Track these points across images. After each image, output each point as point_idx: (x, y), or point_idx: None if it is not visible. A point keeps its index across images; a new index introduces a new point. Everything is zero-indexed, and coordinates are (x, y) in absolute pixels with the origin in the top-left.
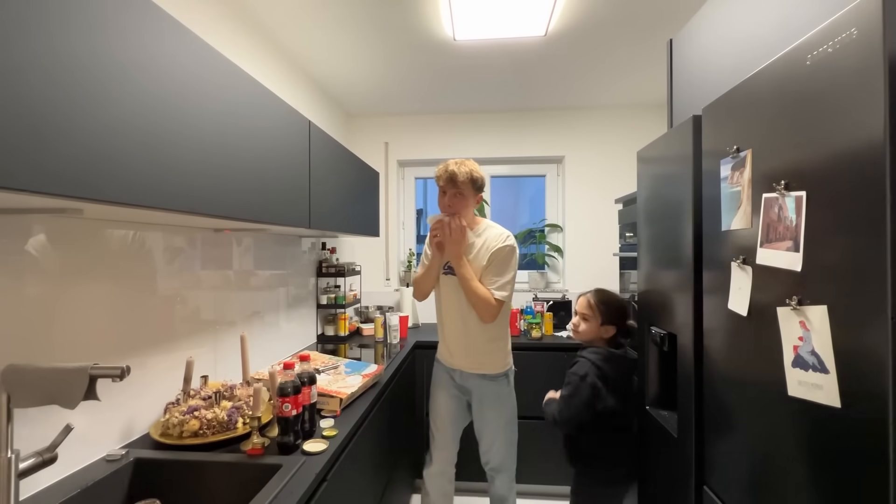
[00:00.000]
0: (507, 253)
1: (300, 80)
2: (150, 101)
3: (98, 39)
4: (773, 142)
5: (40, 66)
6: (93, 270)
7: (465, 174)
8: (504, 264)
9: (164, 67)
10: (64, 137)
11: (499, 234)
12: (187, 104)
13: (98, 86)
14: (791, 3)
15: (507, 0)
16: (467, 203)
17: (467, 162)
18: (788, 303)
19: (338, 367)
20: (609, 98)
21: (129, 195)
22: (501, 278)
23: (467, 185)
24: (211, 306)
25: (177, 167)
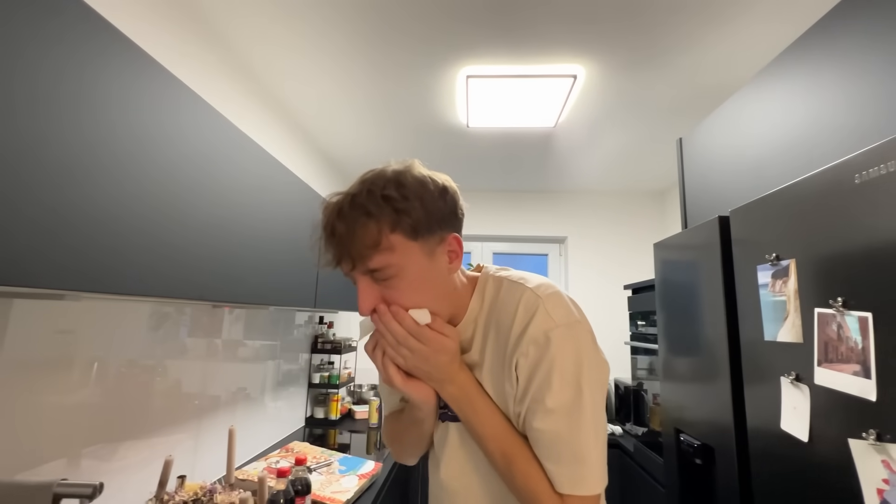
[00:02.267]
0: (561, 348)
1: (311, 153)
2: (160, 180)
3: (109, 112)
4: (821, 255)
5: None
6: (62, 342)
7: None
8: (567, 380)
9: (176, 142)
10: (68, 228)
11: (526, 297)
12: (197, 186)
13: (103, 167)
14: (807, 110)
15: (522, 97)
16: (413, 275)
17: (391, 170)
18: (864, 436)
19: (331, 463)
20: (611, 184)
21: (129, 287)
22: (570, 426)
23: (399, 237)
24: (195, 379)
25: (183, 254)
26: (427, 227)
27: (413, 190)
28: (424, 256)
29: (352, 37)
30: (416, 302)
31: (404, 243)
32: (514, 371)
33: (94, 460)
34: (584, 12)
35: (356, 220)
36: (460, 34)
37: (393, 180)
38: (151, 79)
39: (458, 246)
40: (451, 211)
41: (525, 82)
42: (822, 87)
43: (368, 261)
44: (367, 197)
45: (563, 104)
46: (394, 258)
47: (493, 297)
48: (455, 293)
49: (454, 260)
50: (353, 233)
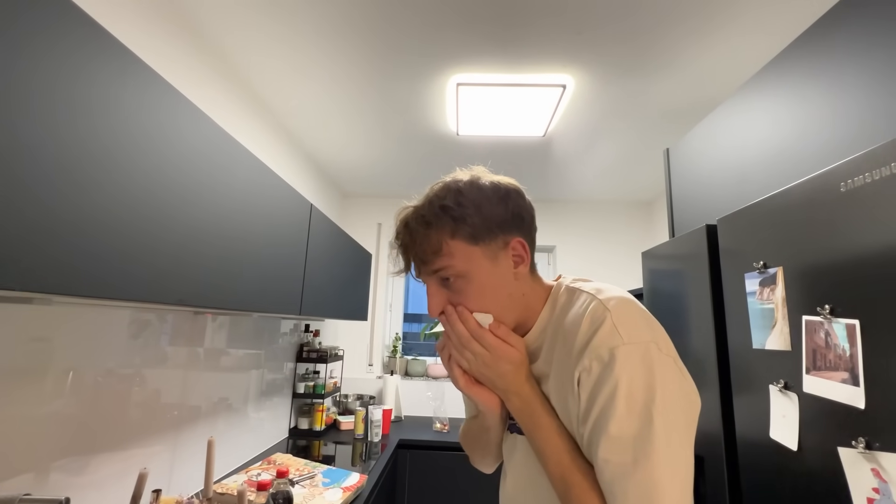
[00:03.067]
0: (628, 368)
1: (299, 159)
2: (145, 184)
3: (91, 118)
4: (808, 263)
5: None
6: (36, 350)
7: (437, 210)
8: (633, 407)
9: (165, 148)
10: (46, 231)
11: (593, 308)
12: (186, 190)
13: (85, 171)
14: (791, 121)
15: (513, 106)
16: (477, 279)
17: (454, 181)
18: (854, 445)
19: (314, 476)
20: (600, 193)
21: (106, 289)
22: (637, 461)
23: (459, 244)
24: (174, 388)
25: (165, 256)
26: (487, 232)
27: (471, 198)
28: (487, 261)
29: (342, 43)
30: (482, 305)
31: (465, 248)
32: (577, 387)
33: (64, 474)
34: (574, 23)
35: (418, 230)
36: (451, 42)
37: (453, 190)
38: (137, 80)
39: (524, 250)
40: (512, 215)
41: (515, 91)
42: (806, 98)
43: (432, 265)
44: (427, 208)
45: (553, 113)
46: (455, 262)
47: (563, 307)
48: (523, 299)
49: (519, 264)
50: (415, 241)
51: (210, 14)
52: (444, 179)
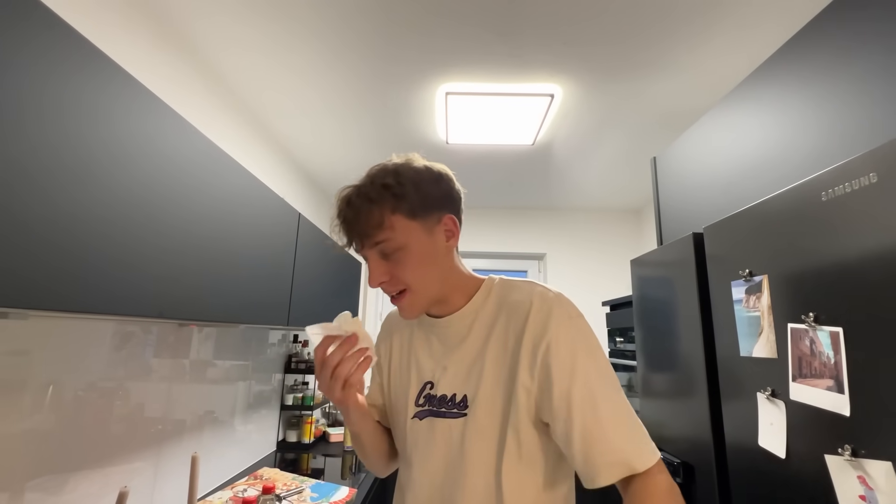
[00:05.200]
0: (576, 335)
1: (287, 166)
2: (125, 194)
3: (69, 118)
4: (792, 271)
5: None
6: (14, 364)
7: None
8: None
9: (146, 155)
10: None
11: (539, 293)
12: (170, 202)
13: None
14: (775, 130)
15: (501, 115)
16: (415, 250)
17: (391, 163)
18: (840, 452)
19: (302, 491)
20: (589, 201)
21: (84, 303)
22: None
23: (400, 218)
24: (158, 402)
25: (145, 268)
26: (423, 208)
27: (409, 177)
28: (424, 234)
29: (330, 51)
30: (419, 275)
31: (404, 222)
32: (536, 356)
33: (41, 493)
34: (561, 33)
35: (361, 206)
36: (439, 50)
37: (392, 171)
38: (127, 93)
39: (454, 225)
40: (445, 194)
41: (504, 100)
42: (790, 107)
43: (374, 238)
44: (369, 187)
45: (541, 123)
46: (396, 235)
47: (501, 294)
48: (453, 275)
49: (451, 238)
50: (358, 217)
51: (197, 23)
52: (383, 162)
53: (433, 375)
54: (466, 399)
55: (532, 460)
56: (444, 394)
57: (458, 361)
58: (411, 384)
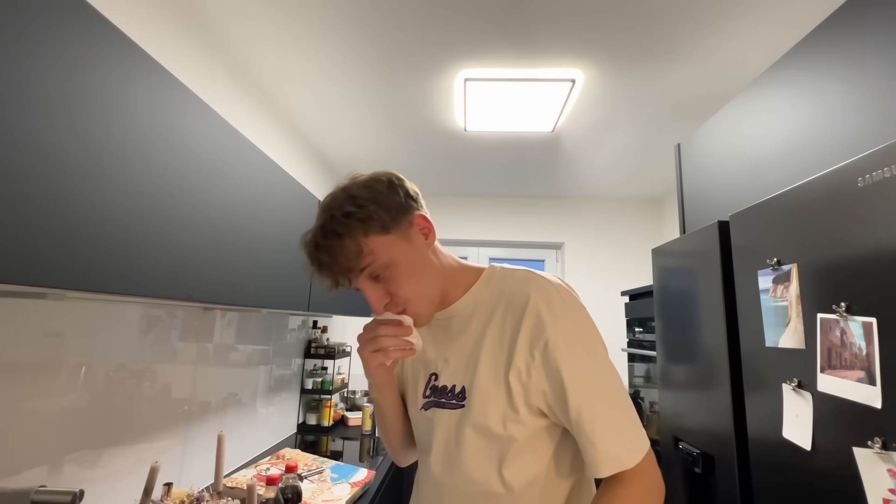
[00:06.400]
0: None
1: (307, 154)
2: (156, 181)
3: (100, 109)
4: (823, 260)
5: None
6: (49, 346)
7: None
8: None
9: (172, 143)
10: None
11: (537, 283)
12: (196, 187)
13: (97, 166)
14: (809, 114)
15: (521, 101)
16: (403, 262)
17: (339, 190)
18: (870, 445)
19: (322, 471)
20: (608, 190)
21: (117, 285)
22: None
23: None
24: (184, 384)
25: (174, 251)
26: (392, 219)
27: (365, 196)
28: (403, 242)
29: (349, 38)
30: (416, 284)
31: (381, 240)
32: (533, 356)
33: (78, 467)
34: (584, 17)
35: (333, 244)
36: (459, 36)
37: (345, 197)
38: (154, 81)
39: (426, 222)
40: (404, 196)
41: (524, 86)
42: (824, 90)
43: (358, 267)
44: (332, 222)
45: (562, 109)
46: (378, 255)
47: (500, 284)
48: (444, 271)
49: (429, 234)
50: (335, 256)
51: (217, 10)
52: (330, 193)
53: (437, 367)
54: (465, 390)
55: (535, 448)
56: (445, 385)
57: (457, 352)
58: (420, 377)
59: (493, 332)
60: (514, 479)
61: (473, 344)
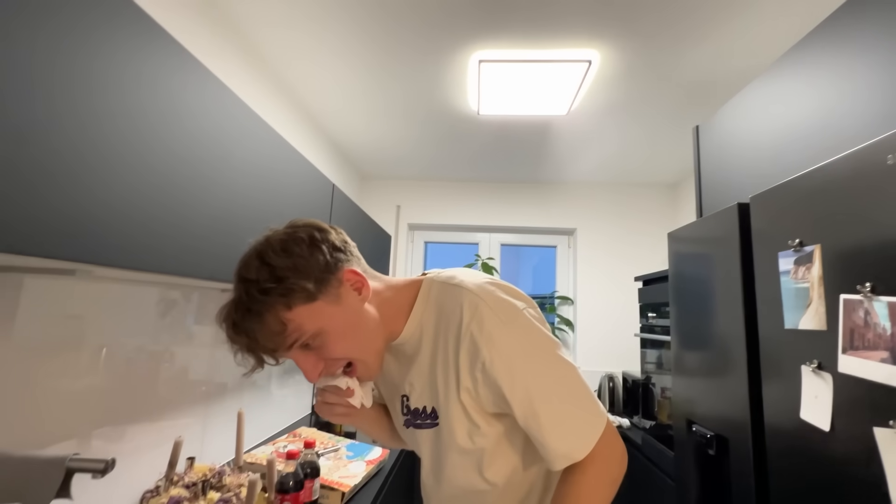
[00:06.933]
0: (508, 343)
1: (319, 139)
2: (176, 162)
3: (121, 86)
4: (847, 240)
5: (69, 123)
6: (71, 327)
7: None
8: (522, 357)
9: (190, 120)
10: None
11: (468, 299)
12: (213, 169)
13: (121, 143)
14: (834, 94)
15: (535, 83)
16: (333, 328)
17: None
18: (892, 424)
19: (338, 449)
20: (622, 175)
21: (144, 261)
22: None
23: (300, 309)
24: (201, 366)
25: (197, 231)
26: (317, 285)
27: (283, 265)
28: (333, 306)
29: (361, 18)
30: (353, 344)
31: (307, 310)
32: (476, 374)
33: (104, 441)
34: None
35: (252, 325)
36: (474, 16)
37: (262, 268)
38: (178, 63)
39: (356, 276)
40: (328, 252)
41: (538, 67)
42: (848, 70)
43: (285, 343)
44: (249, 300)
45: (577, 91)
46: (305, 326)
47: (437, 301)
48: (385, 311)
49: (361, 288)
50: (256, 337)
51: None
52: (244, 260)
53: (405, 389)
54: (436, 410)
55: (504, 449)
56: (417, 407)
57: (418, 376)
58: (394, 397)
59: (441, 354)
60: (495, 477)
61: (429, 367)
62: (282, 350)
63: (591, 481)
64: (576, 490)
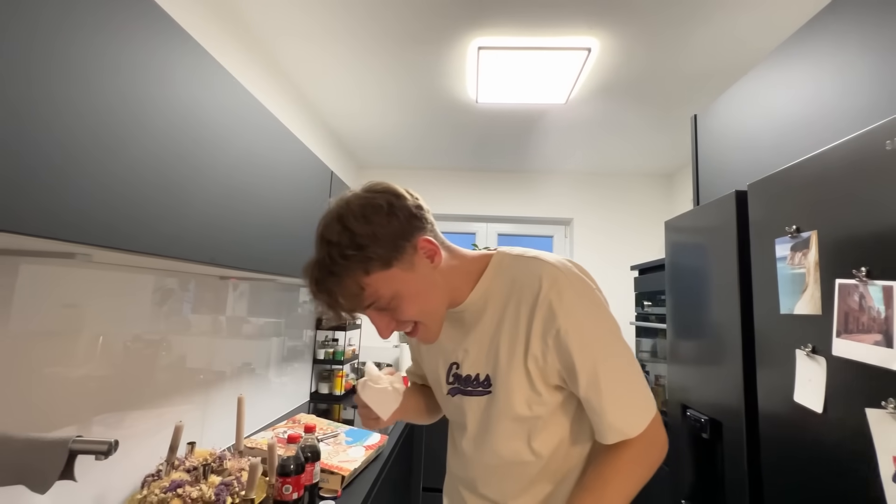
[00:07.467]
0: (584, 316)
1: (316, 128)
2: (177, 147)
3: (118, 68)
4: (845, 226)
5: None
6: (68, 316)
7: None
8: (595, 331)
9: (187, 101)
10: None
11: (547, 272)
12: (214, 151)
13: (120, 127)
14: (832, 82)
15: (534, 71)
16: (406, 293)
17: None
18: (884, 405)
19: (337, 435)
20: (619, 165)
21: (147, 244)
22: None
23: (376, 275)
24: (199, 354)
25: (198, 215)
26: (393, 251)
27: (363, 233)
28: (407, 273)
29: (361, 4)
30: (422, 308)
31: (383, 276)
32: (548, 342)
33: (105, 427)
34: None
35: (333, 286)
36: (474, 2)
37: (344, 232)
38: (183, 51)
39: (430, 244)
40: (405, 220)
41: (538, 55)
42: (848, 58)
43: (362, 304)
44: (331, 262)
45: (576, 79)
46: (381, 291)
47: (509, 272)
48: (449, 282)
49: (434, 257)
50: (335, 296)
51: None
52: (325, 221)
53: (457, 357)
54: (489, 378)
55: (557, 419)
56: (469, 374)
57: (476, 343)
58: (440, 364)
59: (509, 321)
60: (542, 448)
61: (491, 334)
62: (359, 309)
63: (634, 459)
64: (616, 464)
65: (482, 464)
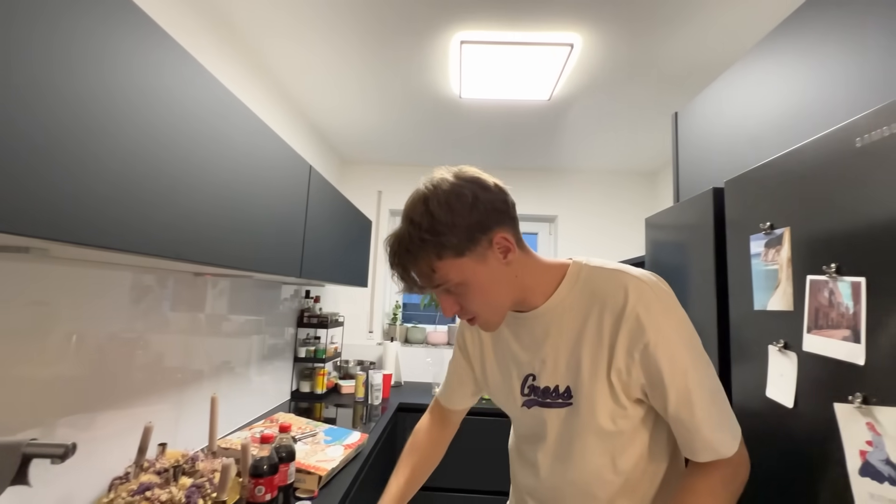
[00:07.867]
0: (673, 331)
1: (297, 122)
2: (145, 138)
3: (94, 62)
4: (817, 222)
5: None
6: (36, 314)
7: (418, 241)
8: (684, 347)
9: (162, 99)
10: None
11: (633, 285)
12: (184, 142)
13: (91, 119)
14: (807, 80)
15: (518, 67)
16: (474, 283)
17: (422, 202)
18: (850, 399)
19: (316, 434)
20: (603, 162)
21: (106, 238)
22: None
23: (448, 262)
24: (177, 353)
25: (163, 211)
26: (469, 242)
27: (443, 221)
28: (478, 265)
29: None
30: (485, 303)
31: (454, 263)
32: (634, 356)
33: (72, 429)
34: None
35: (408, 260)
36: None
37: (426, 214)
38: (147, 38)
39: (507, 241)
40: (486, 215)
41: (521, 50)
42: (823, 56)
43: (431, 283)
44: (409, 240)
45: (559, 76)
46: (450, 276)
47: (591, 284)
48: (518, 281)
49: (508, 254)
50: (408, 270)
51: None
52: (413, 200)
53: (533, 368)
54: (570, 390)
55: (639, 435)
56: (548, 386)
57: (553, 354)
58: (513, 376)
59: (591, 333)
60: (625, 465)
61: (571, 345)
62: (428, 288)
63: (726, 479)
64: (709, 483)
65: (563, 478)
